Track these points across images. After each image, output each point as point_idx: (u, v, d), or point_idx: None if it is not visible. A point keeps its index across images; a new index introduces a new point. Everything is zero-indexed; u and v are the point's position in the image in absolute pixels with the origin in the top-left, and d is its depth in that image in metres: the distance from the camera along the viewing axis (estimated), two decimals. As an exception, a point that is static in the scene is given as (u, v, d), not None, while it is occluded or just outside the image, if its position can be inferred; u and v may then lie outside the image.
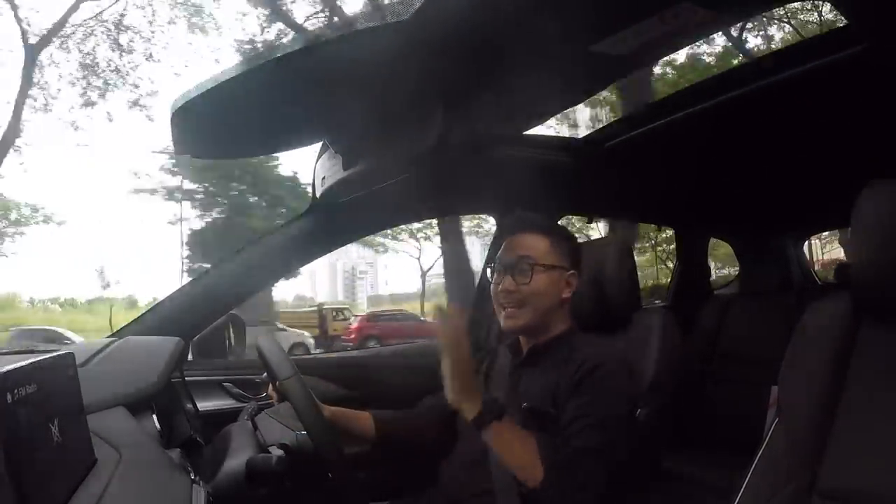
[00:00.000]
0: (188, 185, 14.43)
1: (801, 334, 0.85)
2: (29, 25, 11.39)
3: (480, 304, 1.93)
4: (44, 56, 11.75)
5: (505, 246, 1.16)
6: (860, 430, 0.74)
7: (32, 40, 11.37)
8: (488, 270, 1.20)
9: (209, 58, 14.29)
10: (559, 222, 1.83)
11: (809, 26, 9.06)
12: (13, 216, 15.09)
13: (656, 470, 1.25)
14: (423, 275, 20.77)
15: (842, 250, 12.29)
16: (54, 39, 11.58)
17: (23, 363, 0.51)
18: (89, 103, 12.26)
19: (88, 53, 11.97)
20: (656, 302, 3.54)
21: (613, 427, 0.97)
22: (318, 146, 1.32)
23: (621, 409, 1.00)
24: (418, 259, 19.89)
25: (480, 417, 0.95)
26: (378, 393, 1.50)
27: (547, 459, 0.94)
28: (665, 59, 8.54)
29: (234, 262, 1.54)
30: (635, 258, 1.46)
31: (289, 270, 1.81)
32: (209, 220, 13.92)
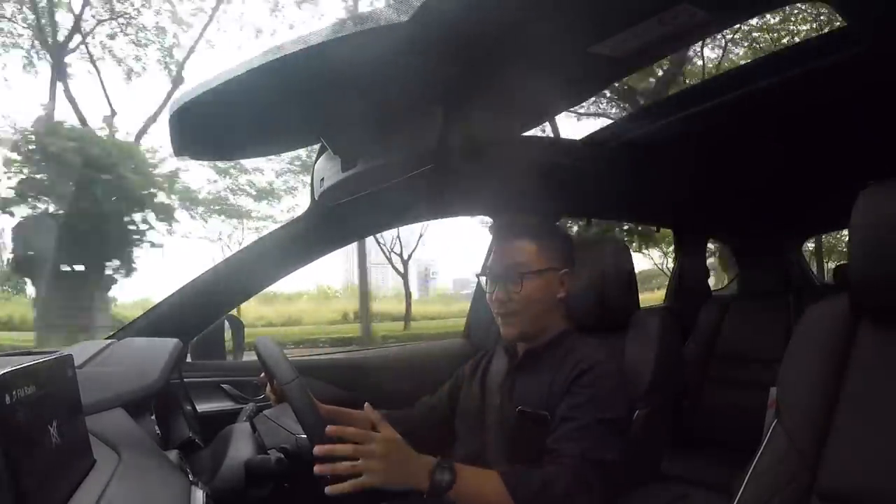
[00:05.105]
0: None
1: (800, 335, 0.85)
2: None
3: (478, 308, 1.94)
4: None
5: (494, 254, 1.16)
6: (859, 430, 0.75)
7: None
8: (482, 279, 1.19)
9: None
10: (557, 223, 1.83)
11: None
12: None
13: (655, 471, 1.25)
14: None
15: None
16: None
17: (22, 364, 0.51)
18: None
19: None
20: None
21: (601, 430, 0.96)
22: (317, 147, 1.32)
23: (612, 412, 0.99)
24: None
25: (433, 489, 0.90)
26: (376, 394, 1.50)
27: (517, 492, 0.92)
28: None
29: (232, 263, 1.54)
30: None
31: (287, 272, 1.81)
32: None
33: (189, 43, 11.11)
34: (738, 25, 8.43)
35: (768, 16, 8.21)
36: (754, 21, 8.30)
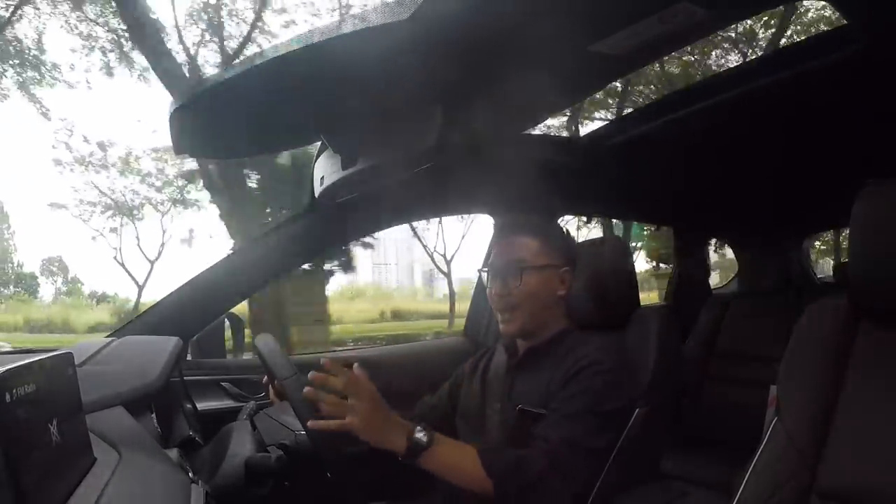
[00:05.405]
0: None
1: (800, 334, 0.85)
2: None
3: (478, 305, 1.94)
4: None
5: (496, 250, 1.16)
6: (858, 429, 0.75)
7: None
8: (483, 275, 1.19)
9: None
10: (558, 222, 1.83)
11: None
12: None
13: (655, 469, 1.25)
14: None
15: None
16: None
17: (22, 363, 0.51)
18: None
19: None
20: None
21: (588, 420, 0.97)
22: (317, 146, 1.32)
23: (602, 406, 0.99)
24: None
25: (409, 451, 0.91)
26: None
27: (492, 468, 0.92)
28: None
29: (232, 262, 1.54)
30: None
31: (288, 270, 1.82)
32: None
33: (273, 53, 10.84)
34: (764, 43, 8.61)
35: (795, 37, 8.46)
36: (782, 41, 8.49)
